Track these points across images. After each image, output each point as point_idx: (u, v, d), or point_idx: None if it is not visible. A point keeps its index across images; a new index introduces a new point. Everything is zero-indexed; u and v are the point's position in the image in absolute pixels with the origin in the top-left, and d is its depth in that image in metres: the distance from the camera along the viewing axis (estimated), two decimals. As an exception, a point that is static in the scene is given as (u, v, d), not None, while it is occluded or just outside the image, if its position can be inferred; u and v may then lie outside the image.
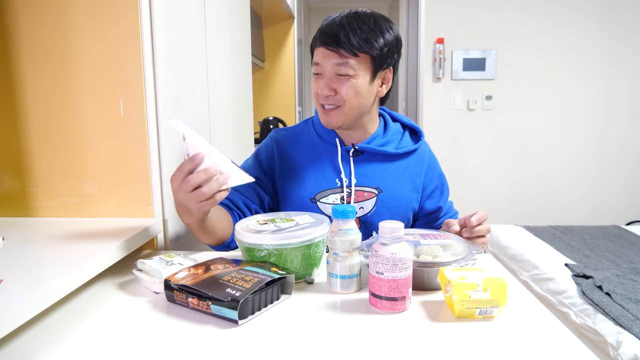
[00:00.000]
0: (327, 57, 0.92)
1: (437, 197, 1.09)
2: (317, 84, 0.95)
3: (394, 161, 1.04)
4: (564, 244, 2.20)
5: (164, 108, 0.96)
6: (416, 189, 1.05)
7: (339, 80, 0.92)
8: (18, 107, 0.94)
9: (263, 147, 1.08)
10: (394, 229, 0.64)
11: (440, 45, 3.22)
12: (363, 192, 1.00)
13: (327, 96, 0.93)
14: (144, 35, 0.90)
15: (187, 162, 0.72)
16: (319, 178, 1.01)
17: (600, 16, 3.20)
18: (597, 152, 3.33)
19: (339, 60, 0.91)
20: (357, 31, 0.89)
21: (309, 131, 1.07)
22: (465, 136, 3.33)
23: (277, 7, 2.78)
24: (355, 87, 0.92)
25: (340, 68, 0.91)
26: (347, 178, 1.00)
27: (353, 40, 0.89)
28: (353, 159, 1.02)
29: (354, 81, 0.92)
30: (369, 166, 1.02)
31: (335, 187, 1.00)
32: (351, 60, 0.90)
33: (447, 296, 0.65)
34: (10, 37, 0.92)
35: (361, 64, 0.91)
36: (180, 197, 0.74)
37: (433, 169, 1.09)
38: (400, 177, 1.03)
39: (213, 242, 0.91)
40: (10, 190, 0.97)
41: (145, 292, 0.74)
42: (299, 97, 3.24)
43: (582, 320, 1.53)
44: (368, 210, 1.01)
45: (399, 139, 1.06)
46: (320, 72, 0.94)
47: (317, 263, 0.78)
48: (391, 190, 1.02)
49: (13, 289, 0.58)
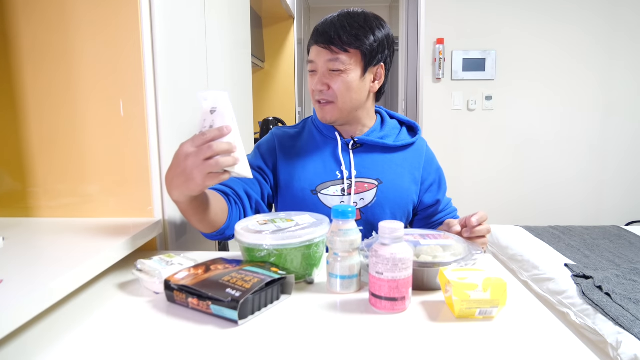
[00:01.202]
0: (320, 54, 0.97)
1: (435, 190, 1.11)
2: (312, 81, 1.00)
3: (393, 153, 1.07)
4: (564, 244, 2.20)
5: (164, 108, 0.96)
6: (415, 181, 1.08)
7: (331, 76, 0.97)
8: (18, 107, 0.94)
9: (264, 140, 1.11)
10: (394, 229, 0.64)
11: (440, 46, 3.22)
12: (363, 184, 1.03)
13: (320, 91, 0.98)
14: (144, 35, 0.90)
15: (214, 130, 0.70)
16: (319, 170, 1.03)
17: (600, 16, 3.20)
18: (597, 152, 3.33)
19: (331, 57, 0.95)
20: (347, 28, 0.95)
21: (309, 128, 1.11)
22: (465, 136, 3.33)
23: (277, 7, 2.78)
24: (347, 82, 0.97)
25: (331, 64, 0.96)
26: (348, 170, 1.03)
27: (343, 36, 0.94)
28: (353, 151, 1.05)
29: (345, 76, 0.96)
30: (369, 158, 1.05)
31: (336, 179, 1.03)
32: (342, 55, 0.95)
33: (447, 296, 0.65)
34: (11, 36, 0.92)
35: (352, 59, 0.96)
36: (189, 164, 0.70)
37: (431, 162, 1.12)
38: (399, 169, 1.06)
39: (204, 227, 0.88)
40: (10, 190, 0.97)
41: (145, 292, 0.74)
42: (299, 97, 3.24)
43: (582, 321, 1.53)
44: (369, 201, 1.03)
45: (397, 133, 1.10)
46: (314, 69, 0.99)
47: (317, 263, 0.78)
48: (391, 182, 1.04)
49: (13, 289, 0.58)
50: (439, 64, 3.23)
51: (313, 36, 0.99)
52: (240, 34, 1.63)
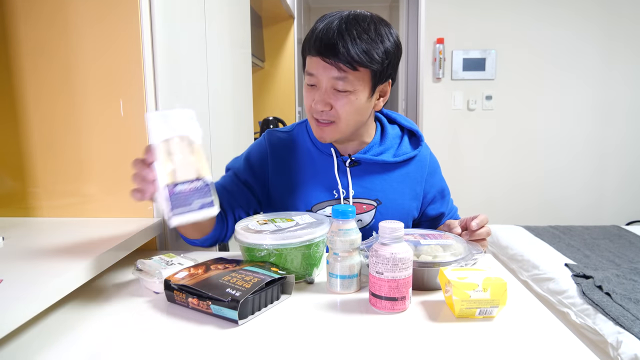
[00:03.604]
0: (324, 70, 0.84)
1: (439, 202, 1.06)
2: (310, 96, 0.88)
3: (393, 170, 0.99)
4: (564, 244, 2.19)
5: (164, 108, 0.96)
6: (416, 196, 1.02)
7: (335, 96, 0.85)
8: (19, 107, 0.94)
9: (256, 148, 1.02)
10: (394, 229, 0.64)
11: (440, 46, 3.22)
12: (362, 205, 0.97)
13: (321, 111, 0.87)
14: (144, 35, 0.90)
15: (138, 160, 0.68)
16: (316, 189, 0.97)
17: (599, 16, 3.20)
18: (597, 152, 3.33)
19: (337, 75, 0.83)
20: (357, 41, 0.81)
21: (304, 137, 1.01)
22: (465, 136, 3.33)
23: (277, 7, 2.78)
24: (353, 104, 0.86)
25: (338, 83, 0.84)
26: (345, 190, 0.96)
27: (352, 52, 0.81)
28: (350, 170, 0.97)
29: (353, 98, 0.85)
30: (367, 177, 0.98)
31: (332, 199, 0.97)
32: (350, 75, 0.83)
33: (447, 296, 0.65)
34: (11, 37, 0.92)
35: (360, 79, 0.85)
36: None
37: (434, 174, 1.05)
38: (399, 187, 0.99)
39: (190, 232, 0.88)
40: (11, 190, 0.97)
41: (145, 292, 0.74)
42: (299, 97, 3.24)
43: (582, 320, 1.53)
44: (367, 223, 0.97)
45: (397, 144, 1.01)
46: (314, 84, 0.87)
47: (317, 263, 0.78)
48: (390, 202, 0.98)
49: (13, 289, 0.58)
50: (439, 64, 3.23)
51: (315, 44, 0.84)
52: (240, 34, 1.63)
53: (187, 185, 0.65)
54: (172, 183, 0.64)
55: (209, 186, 0.67)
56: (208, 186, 0.67)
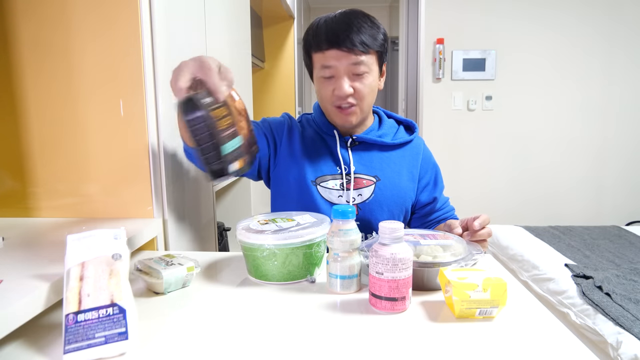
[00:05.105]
0: (341, 59, 0.95)
1: (432, 188, 1.13)
2: (329, 87, 0.98)
3: (391, 151, 1.09)
4: (564, 244, 2.20)
5: (164, 108, 0.96)
6: (413, 178, 1.10)
7: (355, 79, 0.97)
8: (18, 107, 0.94)
9: (274, 119, 1.12)
10: (394, 229, 0.64)
11: (440, 46, 3.22)
12: (362, 180, 1.05)
13: (347, 95, 0.97)
14: (144, 35, 0.90)
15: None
16: (320, 163, 1.05)
17: (601, 17, 3.20)
18: (597, 152, 3.33)
19: (355, 60, 0.95)
20: (362, 30, 0.94)
21: (309, 124, 1.12)
22: (465, 136, 3.33)
23: (277, 7, 2.77)
24: (371, 83, 0.99)
25: (356, 67, 0.95)
26: (347, 165, 1.05)
27: (363, 38, 0.94)
28: (351, 149, 1.07)
29: (370, 78, 0.98)
30: (367, 155, 1.07)
31: (335, 173, 1.05)
32: (364, 57, 0.95)
33: (447, 296, 0.65)
34: (11, 37, 0.92)
35: (371, 61, 0.97)
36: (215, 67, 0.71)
37: (428, 160, 1.14)
38: (397, 167, 1.08)
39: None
40: (10, 190, 0.97)
41: (145, 292, 0.74)
42: (299, 97, 3.24)
43: (582, 321, 1.53)
44: (366, 197, 1.04)
45: (394, 132, 1.12)
46: (332, 75, 0.97)
47: (318, 262, 0.78)
48: (389, 179, 1.06)
49: (13, 289, 0.58)
50: (439, 64, 3.23)
51: (324, 39, 0.95)
52: (240, 34, 1.63)
53: (94, 313, 0.55)
54: (76, 311, 0.54)
55: (125, 313, 0.56)
56: (123, 313, 0.56)
